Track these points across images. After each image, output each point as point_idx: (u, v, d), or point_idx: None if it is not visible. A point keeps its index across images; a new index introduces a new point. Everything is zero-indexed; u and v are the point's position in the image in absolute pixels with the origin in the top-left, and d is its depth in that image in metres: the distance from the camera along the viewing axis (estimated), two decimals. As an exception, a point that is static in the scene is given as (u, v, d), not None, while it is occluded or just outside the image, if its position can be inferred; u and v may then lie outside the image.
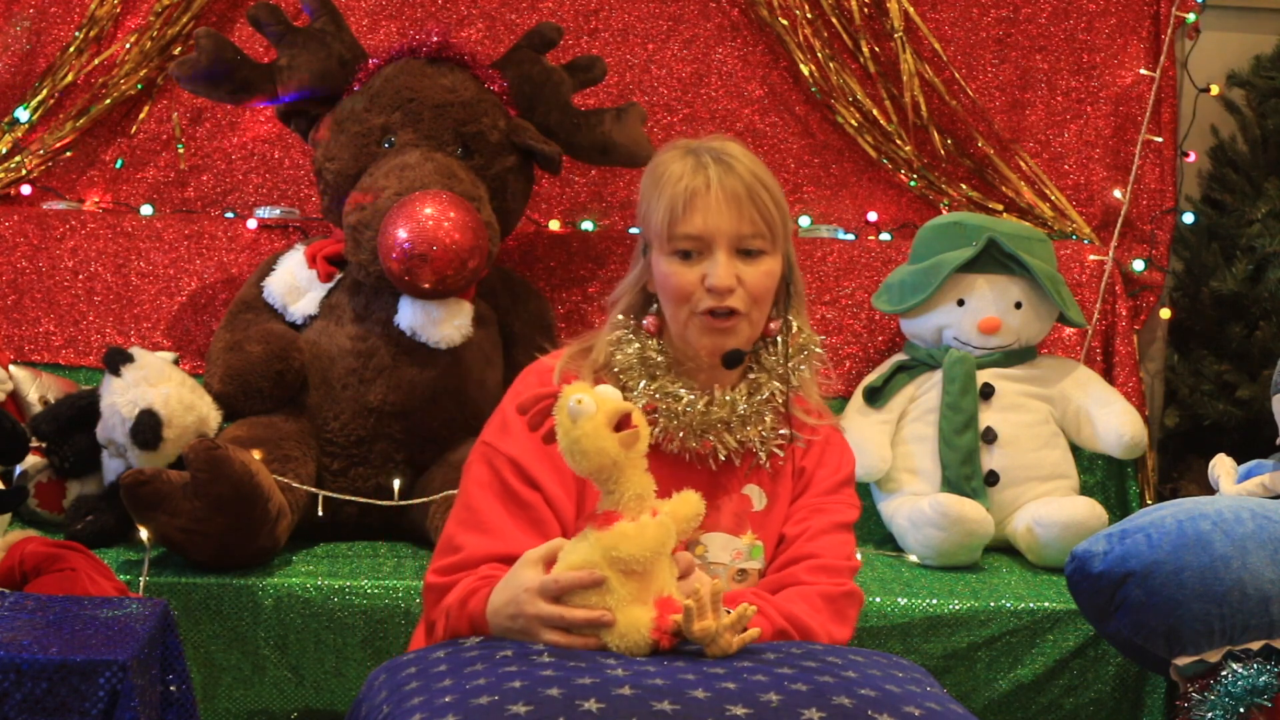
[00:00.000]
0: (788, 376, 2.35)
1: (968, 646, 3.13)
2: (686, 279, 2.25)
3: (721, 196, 2.23)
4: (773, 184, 2.27)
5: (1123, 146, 4.09)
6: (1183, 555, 2.65)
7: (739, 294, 2.25)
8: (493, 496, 2.25)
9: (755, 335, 2.31)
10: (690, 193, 2.23)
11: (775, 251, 2.27)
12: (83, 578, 2.61)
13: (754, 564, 2.32)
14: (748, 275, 2.25)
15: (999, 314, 3.62)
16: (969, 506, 3.36)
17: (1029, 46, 4.08)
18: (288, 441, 3.28)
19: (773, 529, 2.35)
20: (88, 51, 3.84)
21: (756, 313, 2.28)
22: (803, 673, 1.92)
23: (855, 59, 4.02)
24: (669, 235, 2.25)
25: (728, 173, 2.24)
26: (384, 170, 3.35)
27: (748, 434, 2.31)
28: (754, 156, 2.29)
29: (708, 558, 2.30)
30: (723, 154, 2.26)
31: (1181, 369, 4.03)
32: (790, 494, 2.37)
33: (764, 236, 2.24)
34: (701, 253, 2.24)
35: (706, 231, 2.23)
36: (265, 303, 3.51)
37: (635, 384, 2.29)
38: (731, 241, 2.24)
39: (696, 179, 2.24)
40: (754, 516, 2.34)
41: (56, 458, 3.26)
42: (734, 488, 2.33)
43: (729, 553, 2.31)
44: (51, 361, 3.67)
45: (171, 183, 3.91)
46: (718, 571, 2.29)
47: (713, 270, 2.23)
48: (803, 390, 2.38)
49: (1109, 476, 3.83)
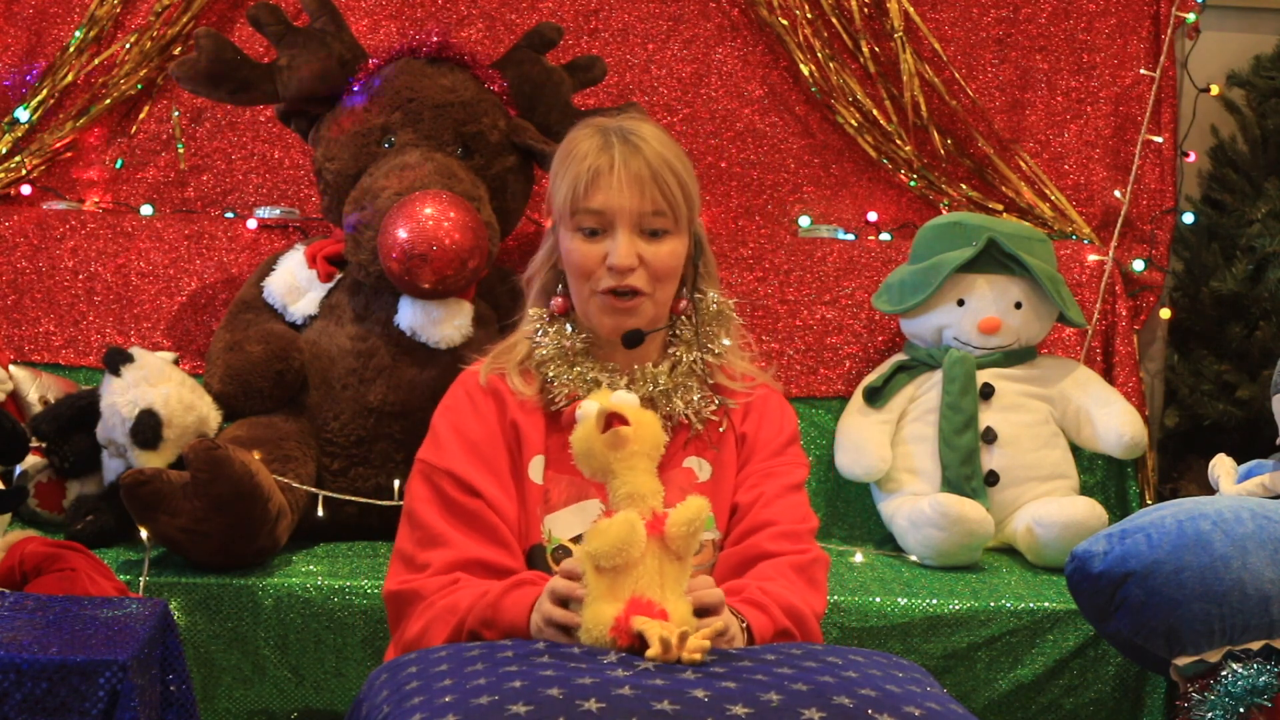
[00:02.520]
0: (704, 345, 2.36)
1: (968, 646, 3.13)
2: (589, 256, 2.28)
3: (625, 176, 2.25)
4: (680, 165, 2.29)
5: (1123, 146, 4.09)
6: (1183, 555, 2.65)
7: (640, 273, 2.27)
8: (438, 511, 2.29)
9: (660, 315, 2.33)
10: (594, 171, 2.26)
11: (679, 232, 2.30)
12: (83, 578, 2.61)
13: (707, 535, 2.32)
14: (650, 254, 2.27)
15: (999, 314, 3.61)
16: (969, 506, 3.36)
17: (1029, 46, 4.08)
18: (288, 441, 3.28)
19: (723, 498, 2.35)
20: (88, 51, 3.84)
21: (660, 292, 2.31)
22: (803, 673, 1.92)
23: (855, 59, 4.02)
24: (572, 211, 2.28)
25: (633, 152, 2.26)
26: (384, 170, 3.35)
27: (673, 407, 2.32)
28: (666, 136, 2.32)
29: None
30: (631, 133, 2.29)
31: (1181, 369, 4.03)
32: (736, 461, 2.38)
33: (666, 216, 2.27)
34: (605, 231, 2.27)
35: (608, 209, 2.26)
36: (265, 303, 3.51)
37: (558, 374, 2.31)
38: (634, 221, 2.26)
39: (601, 158, 2.27)
40: (700, 488, 2.34)
41: (56, 458, 3.26)
42: (674, 463, 2.34)
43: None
44: (51, 361, 3.67)
45: (171, 183, 3.91)
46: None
47: (614, 249, 2.26)
48: (726, 357, 2.38)
49: (1109, 476, 3.83)
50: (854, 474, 3.60)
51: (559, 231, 2.33)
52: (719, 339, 2.38)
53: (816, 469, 3.74)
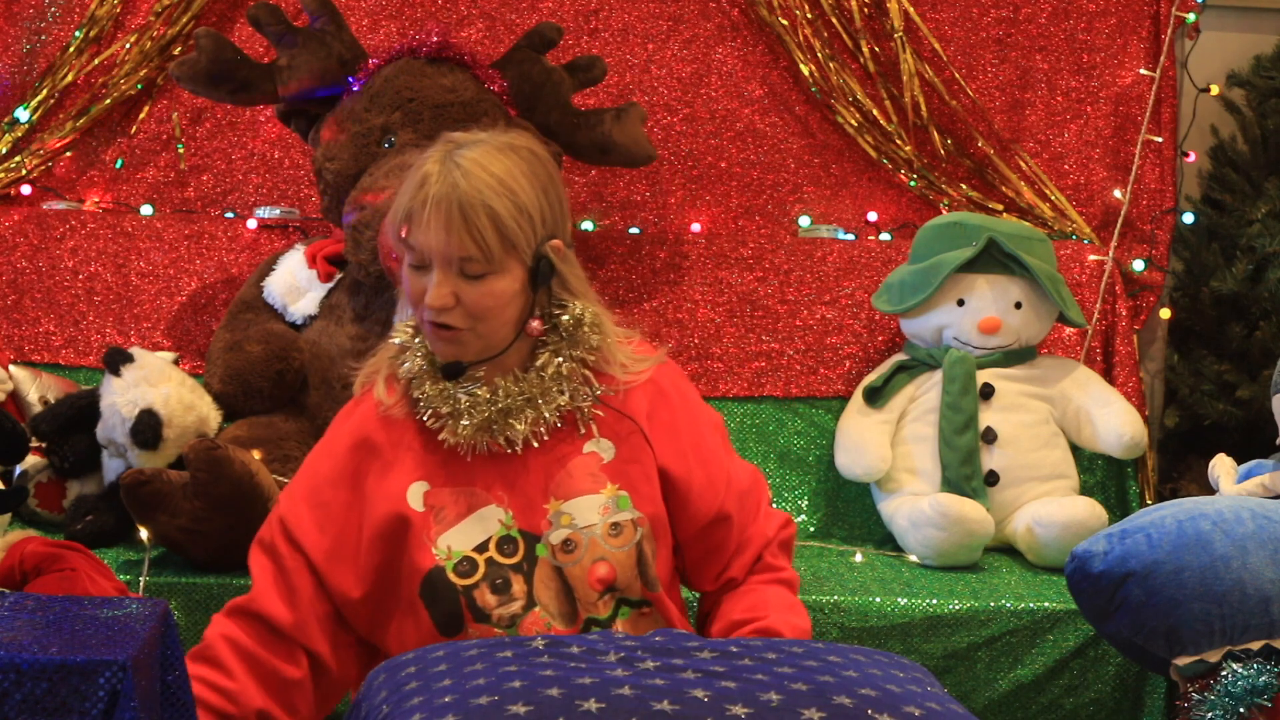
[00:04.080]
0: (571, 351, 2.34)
1: (968, 646, 3.13)
2: (415, 288, 2.27)
3: (436, 217, 2.20)
4: (498, 201, 2.21)
5: (1123, 146, 4.09)
6: (1183, 555, 2.65)
7: (457, 312, 2.25)
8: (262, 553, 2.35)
9: (490, 345, 2.29)
10: (409, 209, 2.23)
11: (500, 270, 2.24)
12: (83, 578, 2.61)
13: (624, 515, 2.33)
14: (467, 294, 2.24)
15: (999, 314, 3.61)
16: (969, 506, 3.36)
17: (1029, 46, 4.08)
18: (288, 441, 3.28)
19: (636, 473, 2.35)
20: (88, 51, 3.84)
21: (483, 327, 2.27)
22: (803, 672, 1.92)
23: (855, 59, 4.02)
24: (396, 239, 2.27)
25: (452, 189, 2.20)
26: (384, 170, 3.35)
27: (547, 408, 2.32)
28: (504, 163, 2.24)
29: (577, 524, 2.30)
30: (461, 165, 2.22)
31: (1181, 369, 4.03)
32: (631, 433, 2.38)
33: (477, 260, 2.22)
34: (424, 266, 2.25)
35: (423, 248, 2.23)
36: (265, 303, 3.51)
37: (423, 391, 2.31)
38: (445, 261, 2.22)
39: (418, 194, 2.22)
40: (608, 468, 2.35)
41: (56, 458, 3.26)
42: (575, 451, 2.34)
43: (595, 511, 2.32)
44: (51, 361, 3.67)
45: (171, 183, 3.91)
46: (593, 533, 2.30)
47: (430, 289, 2.24)
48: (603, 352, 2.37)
49: (1109, 476, 3.82)
50: (854, 474, 3.60)
51: None
52: (588, 340, 2.35)
53: (816, 469, 3.75)
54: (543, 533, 2.29)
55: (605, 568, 2.30)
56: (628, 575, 2.32)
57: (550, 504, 2.31)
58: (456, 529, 2.30)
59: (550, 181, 2.30)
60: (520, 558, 2.29)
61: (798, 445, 3.79)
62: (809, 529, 3.70)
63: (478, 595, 2.27)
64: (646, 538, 2.34)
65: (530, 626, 2.27)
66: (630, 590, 2.33)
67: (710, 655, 1.98)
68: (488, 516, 2.31)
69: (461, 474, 2.31)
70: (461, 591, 2.27)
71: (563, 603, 2.29)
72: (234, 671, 2.26)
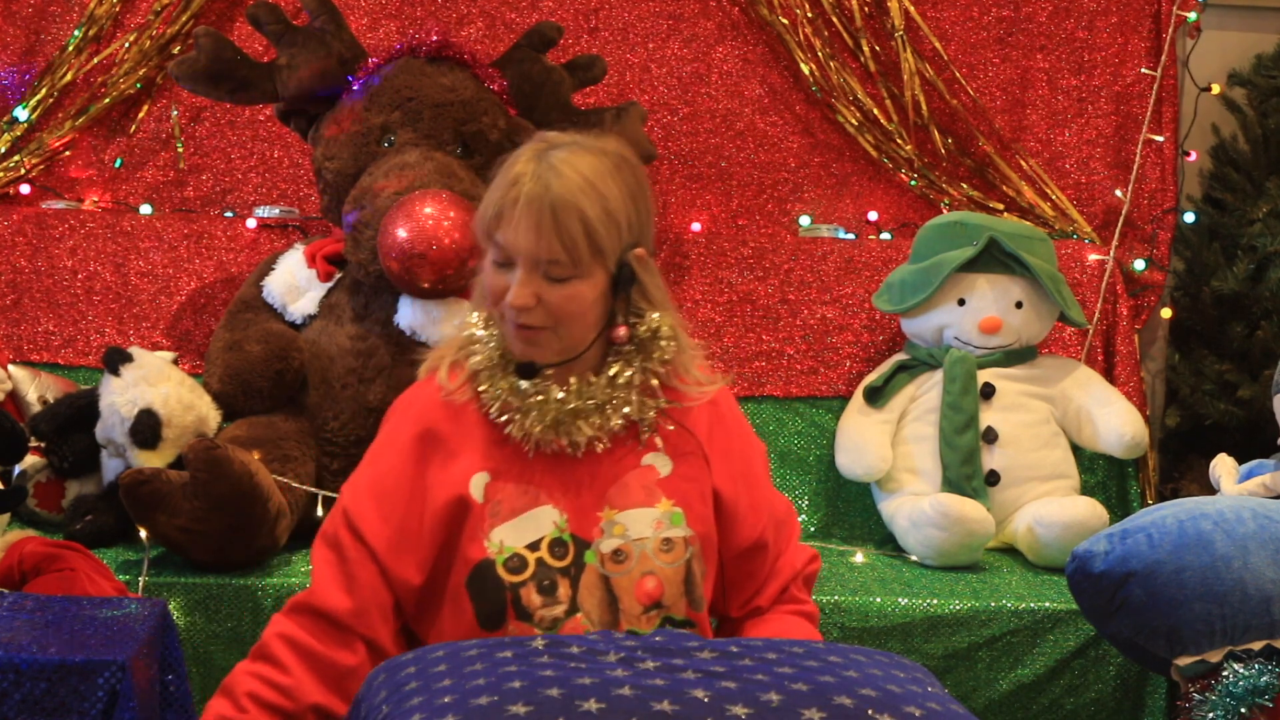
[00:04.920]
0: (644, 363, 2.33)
1: (968, 646, 3.13)
2: (496, 285, 2.25)
3: (526, 217, 2.19)
4: (590, 205, 2.20)
5: (1124, 146, 4.09)
6: (1184, 555, 2.65)
7: (538, 312, 2.23)
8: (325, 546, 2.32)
9: (570, 346, 2.28)
10: (500, 206, 2.21)
11: (584, 274, 2.23)
12: (82, 578, 2.61)
13: (678, 531, 2.32)
14: (550, 296, 2.23)
15: (1000, 313, 3.61)
16: (970, 506, 3.36)
17: (1030, 46, 4.08)
18: (287, 441, 3.28)
19: (692, 492, 2.35)
20: (87, 50, 3.84)
21: (564, 329, 2.26)
22: (803, 672, 1.91)
23: (856, 58, 4.02)
24: (483, 236, 2.26)
25: (545, 191, 2.19)
26: (383, 170, 3.35)
27: (611, 416, 2.31)
28: (596, 167, 2.23)
29: (630, 535, 2.30)
30: (548, 170, 2.21)
31: (1182, 369, 4.03)
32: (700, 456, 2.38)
33: (563, 264, 2.21)
34: (509, 265, 2.24)
35: (510, 246, 2.22)
36: (265, 302, 3.51)
37: (491, 383, 2.30)
38: (531, 262, 2.21)
39: (510, 191, 2.21)
40: (664, 483, 2.34)
41: (55, 457, 3.26)
42: (634, 463, 2.34)
43: (649, 525, 2.31)
44: (50, 361, 3.66)
45: (171, 182, 3.91)
46: (644, 546, 2.30)
47: (513, 287, 2.22)
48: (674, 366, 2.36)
49: (1110, 476, 3.83)
50: (854, 474, 3.60)
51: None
52: (662, 352, 2.35)
53: (817, 469, 3.75)
54: (594, 540, 2.28)
55: (653, 582, 2.30)
56: (674, 592, 2.31)
57: (604, 512, 2.30)
58: (511, 524, 2.29)
59: (639, 188, 2.29)
60: (569, 562, 2.28)
61: (798, 445, 3.79)
62: (809, 529, 3.70)
63: (524, 594, 2.26)
64: (696, 557, 2.34)
65: (571, 631, 2.26)
66: (675, 608, 2.32)
67: (710, 655, 1.97)
68: (542, 516, 2.30)
69: (522, 471, 2.30)
70: (509, 588, 2.26)
71: (605, 612, 2.28)
72: (290, 668, 2.25)
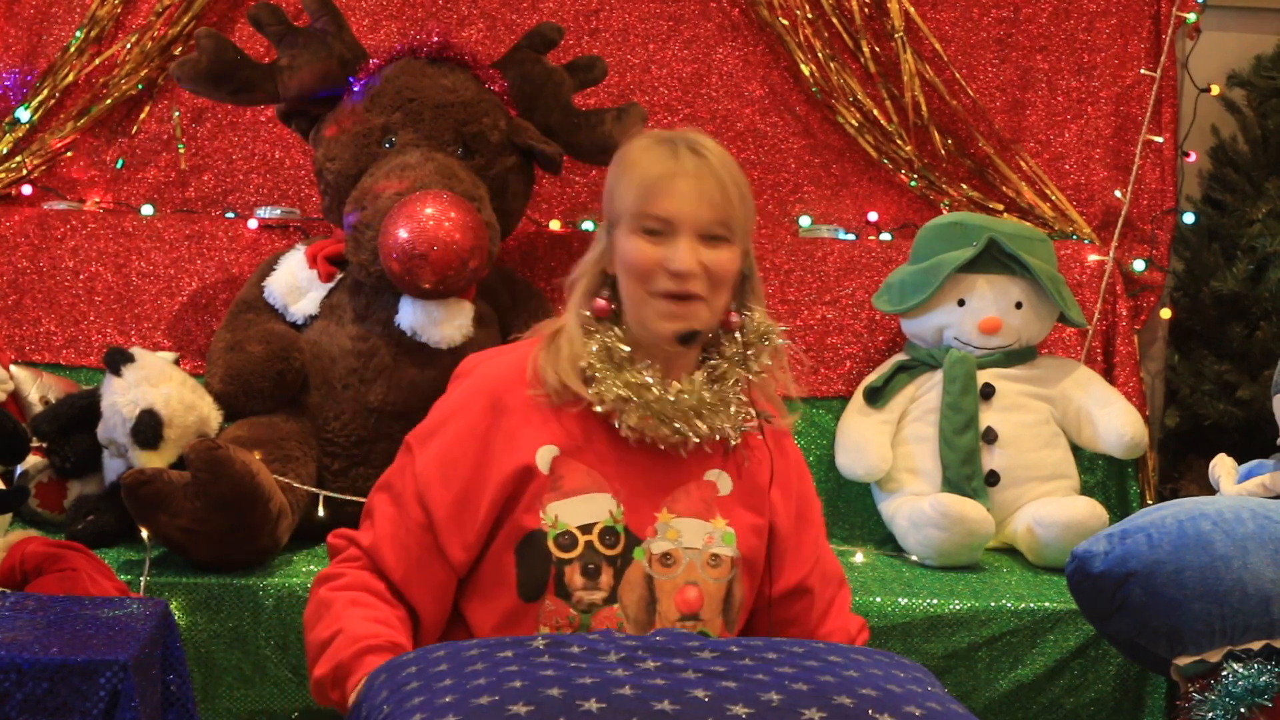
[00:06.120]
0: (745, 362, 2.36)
1: (968, 646, 3.14)
2: (650, 256, 2.27)
3: (693, 184, 2.26)
4: (741, 179, 2.31)
5: (1123, 146, 4.09)
6: (1184, 555, 2.65)
7: (700, 279, 2.27)
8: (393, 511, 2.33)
9: (714, 321, 2.33)
10: (662, 176, 2.27)
11: (736, 242, 2.30)
12: (83, 578, 2.61)
13: (726, 550, 2.33)
14: (710, 260, 2.28)
15: (999, 314, 3.62)
16: (969, 506, 3.37)
17: (1029, 47, 4.08)
18: (288, 441, 3.28)
19: (746, 519, 2.36)
20: (88, 51, 3.84)
21: (715, 299, 2.30)
22: (804, 672, 1.92)
23: (856, 59, 4.02)
24: (638, 214, 2.28)
25: (702, 162, 2.27)
26: (384, 171, 3.35)
27: (715, 419, 2.33)
28: (725, 151, 2.33)
29: (682, 542, 2.31)
30: (698, 145, 2.30)
31: (1182, 369, 4.03)
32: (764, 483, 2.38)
33: (727, 226, 2.28)
34: (666, 235, 2.27)
35: (674, 215, 2.26)
36: (266, 303, 3.51)
37: (604, 375, 2.31)
38: (696, 228, 2.26)
39: (668, 164, 2.28)
40: (720, 501, 2.35)
41: (57, 458, 3.26)
42: (698, 473, 2.35)
43: (701, 537, 2.32)
44: (52, 361, 3.67)
45: (172, 183, 3.91)
46: (692, 557, 2.31)
47: (675, 254, 2.26)
48: (764, 382, 2.38)
49: (1109, 476, 3.83)
50: (854, 474, 3.60)
51: (615, 234, 2.32)
52: (761, 358, 2.37)
53: (816, 469, 3.74)
54: (645, 538, 2.29)
55: (695, 593, 2.31)
56: (713, 609, 2.32)
57: (662, 514, 2.32)
58: (569, 502, 2.29)
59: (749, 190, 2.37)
60: (618, 552, 2.29)
61: (798, 445, 3.78)
62: (809, 529, 3.70)
63: (568, 572, 2.27)
64: (738, 580, 2.35)
65: (604, 620, 2.27)
66: (711, 625, 2.33)
67: (711, 655, 1.98)
68: (600, 502, 2.30)
69: (591, 454, 2.31)
70: (555, 562, 2.27)
71: (642, 610, 2.29)
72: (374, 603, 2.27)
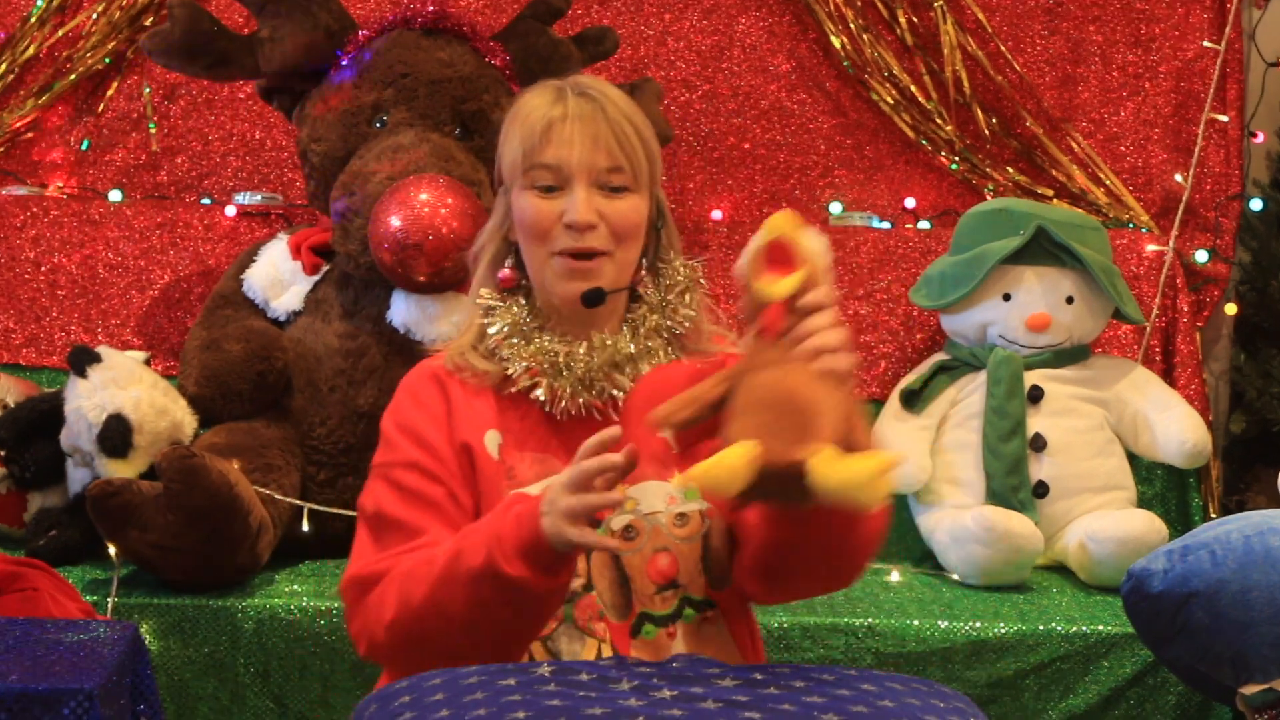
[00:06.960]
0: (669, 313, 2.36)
1: (1015, 674, 3.13)
2: (545, 214, 2.28)
3: (579, 127, 2.27)
4: (641, 120, 2.31)
5: (1184, 126, 4.09)
6: (1250, 574, 2.65)
7: (600, 231, 2.28)
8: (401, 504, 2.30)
9: (622, 278, 2.33)
10: (546, 122, 2.27)
11: (640, 190, 2.31)
12: (45, 598, 2.62)
13: (692, 506, 2.33)
14: (610, 211, 2.28)
15: (1048, 309, 3.61)
16: (1016, 520, 3.36)
17: (1082, 17, 4.08)
18: (270, 449, 3.28)
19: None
20: (50, 22, 3.85)
21: (621, 253, 2.31)
22: (834, 701, 1.91)
23: (891, 30, 4.02)
24: (524, 167, 2.29)
25: (589, 104, 2.28)
26: (375, 152, 3.35)
27: (642, 369, 2.34)
28: (626, 97, 2.34)
29: (641, 509, 2.31)
30: (588, 88, 2.31)
31: (1249, 369, 4.02)
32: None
33: (624, 172, 2.28)
34: (561, 188, 2.28)
35: (563, 162, 2.27)
36: (245, 297, 3.51)
37: (514, 351, 2.32)
38: (590, 175, 2.27)
39: (554, 109, 2.28)
40: (677, 457, 2.35)
41: (16, 467, 3.27)
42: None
43: (662, 499, 2.32)
44: (11, 362, 3.68)
45: (142, 166, 3.92)
46: (657, 521, 2.31)
47: (571, 205, 2.26)
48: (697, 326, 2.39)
49: (1169, 488, 3.83)
50: (889, 485, 3.60)
51: (510, 194, 2.34)
52: (685, 307, 2.38)
53: (848, 479, 3.74)
54: (603, 516, 2.30)
55: (667, 559, 2.31)
56: (690, 569, 2.33)
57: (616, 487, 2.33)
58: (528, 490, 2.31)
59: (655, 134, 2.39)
60: None
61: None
62: (840, 545, 3.70)
63: None
64: (714, 531, 2.36)
65: (586, 608, 2.28)
66: (692, 587, 2.33)
67: (733, 683, 1.97)
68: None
69: (533, 439, 2.32)
70: None
71: (616, 594, 2.30)
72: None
